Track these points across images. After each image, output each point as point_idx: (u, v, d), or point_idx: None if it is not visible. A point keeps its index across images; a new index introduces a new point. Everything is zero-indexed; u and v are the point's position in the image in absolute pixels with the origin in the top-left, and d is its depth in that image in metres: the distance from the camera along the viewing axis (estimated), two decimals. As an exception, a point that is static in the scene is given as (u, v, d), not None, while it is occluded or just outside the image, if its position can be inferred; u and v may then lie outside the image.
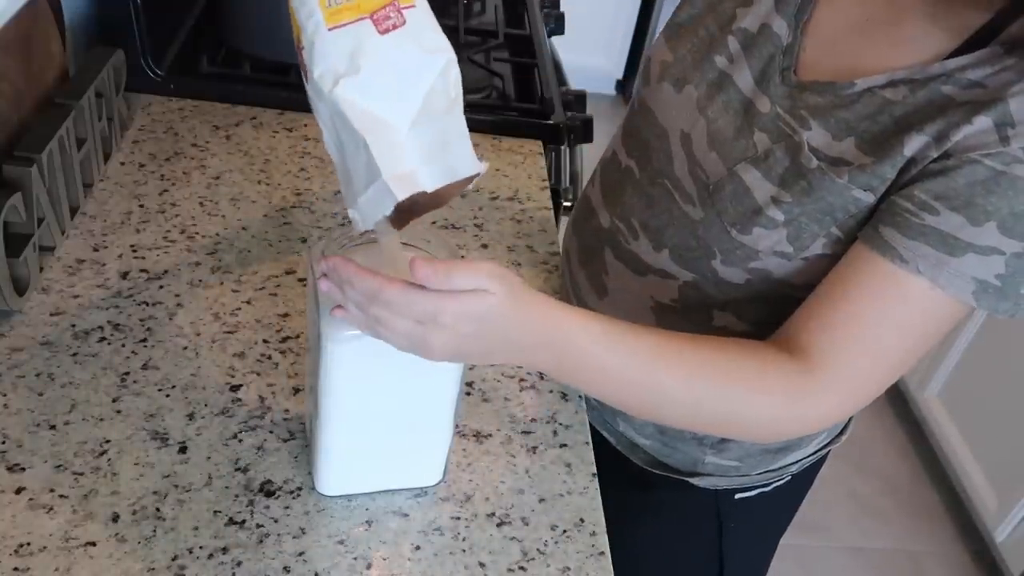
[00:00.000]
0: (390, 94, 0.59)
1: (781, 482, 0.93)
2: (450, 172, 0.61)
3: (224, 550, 0.69)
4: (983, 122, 0.64)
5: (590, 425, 0.86)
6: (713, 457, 0.89)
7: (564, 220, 1.27)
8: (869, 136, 0.69)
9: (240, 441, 0.77)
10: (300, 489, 0.74)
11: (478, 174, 0.61)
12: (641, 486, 0.95)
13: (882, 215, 0.68)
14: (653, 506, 0.96)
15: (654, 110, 0.83)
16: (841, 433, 0.95)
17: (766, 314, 0.78)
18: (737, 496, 0.93)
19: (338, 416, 0.69)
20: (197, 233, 0.99)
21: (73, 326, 0.85)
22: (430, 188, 0.60)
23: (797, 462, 0.92)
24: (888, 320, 0.68)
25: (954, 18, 0.68)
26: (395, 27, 0.59)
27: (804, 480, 0.98)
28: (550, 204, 1.14)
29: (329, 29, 0.59)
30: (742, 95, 0.77)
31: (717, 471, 0.90)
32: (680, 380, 0.68)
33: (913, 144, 0.66)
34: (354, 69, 0.58)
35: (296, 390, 0.82)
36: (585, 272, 0.91)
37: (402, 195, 0.58)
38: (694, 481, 0.91)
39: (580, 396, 0.87)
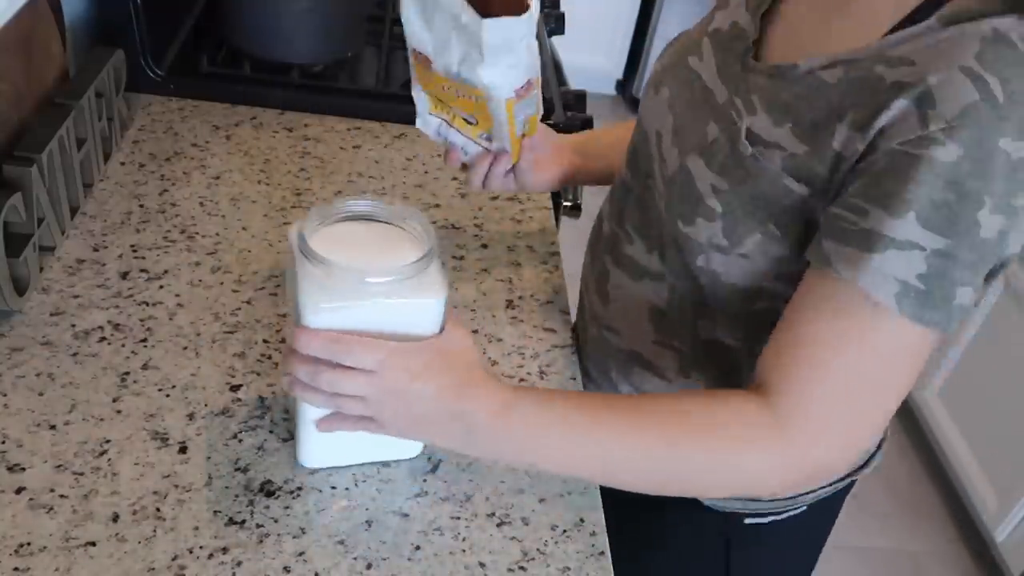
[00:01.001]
0: None
1: (796, 511, 0.87)
2: None
3: (224, 550, 0.69)
4: (902, 105, 0.61)
5: None
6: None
7: (564, 220, 1.27)
8: (805, 121, 0.67)
9: (240, 441, 0.77)
10: (300, 489, 0.74)
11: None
12: (651, 507, 0.86)
13: (824, 228, 0.65)
14: (662, 528, 0.93)
15: (642, 117, 0.86)
16: (864, 466, 0.88)
17: (739, 325, 0.77)
18: (747, 521, 0.88)
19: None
20: (197, 233, 0.99)
21: (73, 326, 0.85)
22: None
23: (811, 491, 0.86)
24: (836, 339, 0.64)
25: None
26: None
27: (822, 514, 0.93)
28: (550, 204, 1.14)
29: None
30: (704, 87, 0.77)
31: None
32: (626, 433, 0.66)
33: (840, 135, 0.64)
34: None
35: (296, 390, 0.82)
36: (593, 280, 0.91)
37: None
38: (704, 501, 0.86)
39: (580, 396, 0.88)
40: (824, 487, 0.86)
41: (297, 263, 0.66)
